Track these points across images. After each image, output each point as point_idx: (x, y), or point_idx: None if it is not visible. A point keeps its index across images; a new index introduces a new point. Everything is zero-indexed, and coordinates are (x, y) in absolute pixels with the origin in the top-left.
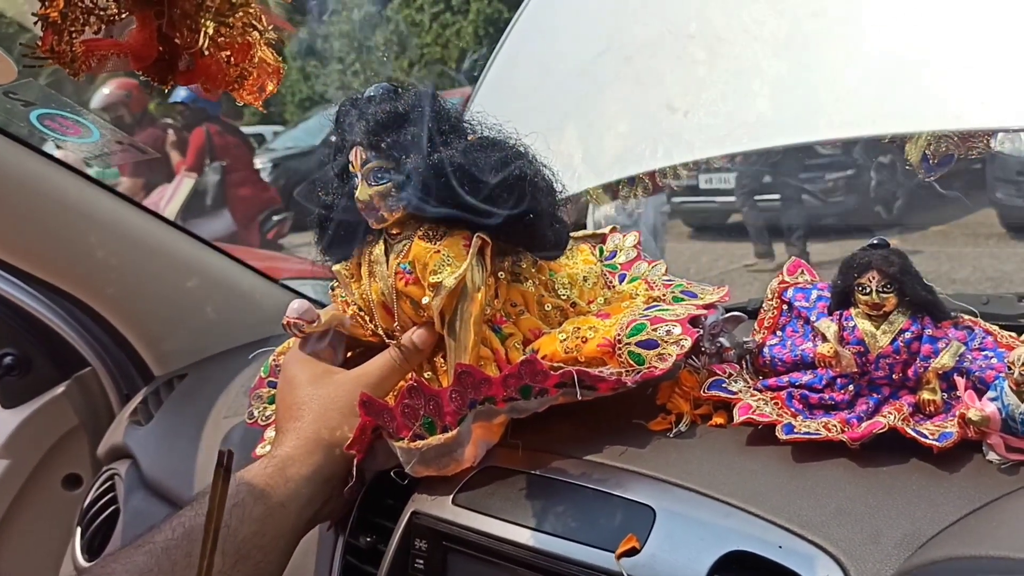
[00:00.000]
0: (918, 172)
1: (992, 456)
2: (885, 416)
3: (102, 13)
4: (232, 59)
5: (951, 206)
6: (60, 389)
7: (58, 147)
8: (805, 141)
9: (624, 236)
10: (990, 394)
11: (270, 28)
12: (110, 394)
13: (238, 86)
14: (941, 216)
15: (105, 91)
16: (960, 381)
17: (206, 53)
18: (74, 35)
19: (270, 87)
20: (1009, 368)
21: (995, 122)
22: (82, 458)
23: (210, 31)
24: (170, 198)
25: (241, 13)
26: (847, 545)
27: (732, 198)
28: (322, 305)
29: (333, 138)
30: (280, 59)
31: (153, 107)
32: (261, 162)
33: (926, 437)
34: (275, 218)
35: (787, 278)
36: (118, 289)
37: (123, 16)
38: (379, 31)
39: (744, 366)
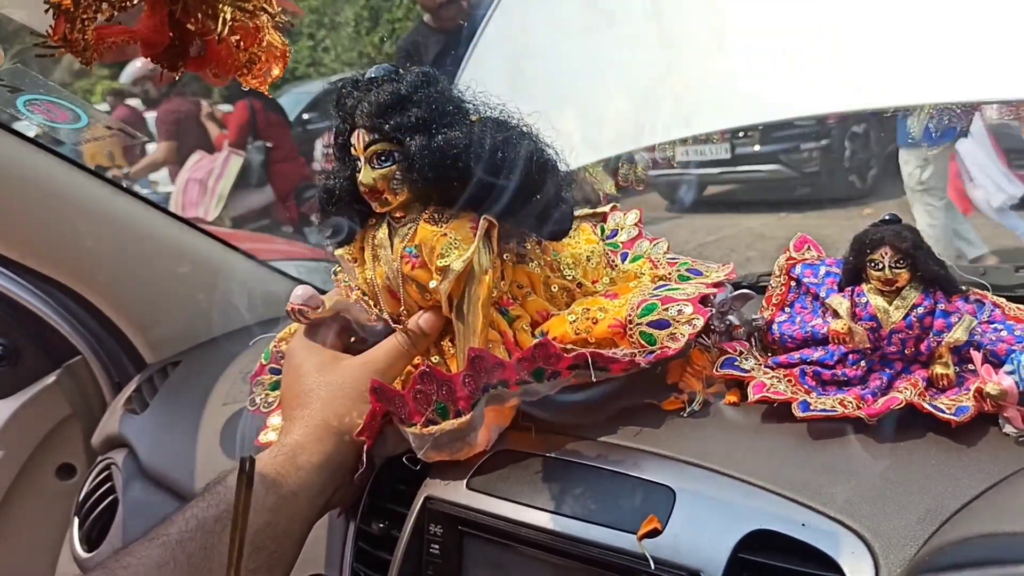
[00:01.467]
0: (921, 144)
1: (1009, 429)
2: (901, 391)
3: (115, 0)
4: (242, 43)
5: None
6: (51, 379)
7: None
8: (807, 114)
9: (625, 214)
10: (1007, 367)
11: (280, 11)
12: (102, 383)
13: (247, 71)
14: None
15: (137, 64)
16: (976, 355)
17: (214, 41)
18: (87, 23)
19: (276, 71)
20: None
21: (996, 94)
22: (75, 448)
23: (228, 16)
24: (219, 176)
25: None
26: (870, 522)
27: (708, 170)
28: (319, 289)
29: (306, 116)
30: (286, 43)
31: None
32: None
33: (943, 412)
34: (307, 193)
35: (794, 254)
36: (108, 277)
37: (136, 2)
38: (349, 6)
39: (753, 343)
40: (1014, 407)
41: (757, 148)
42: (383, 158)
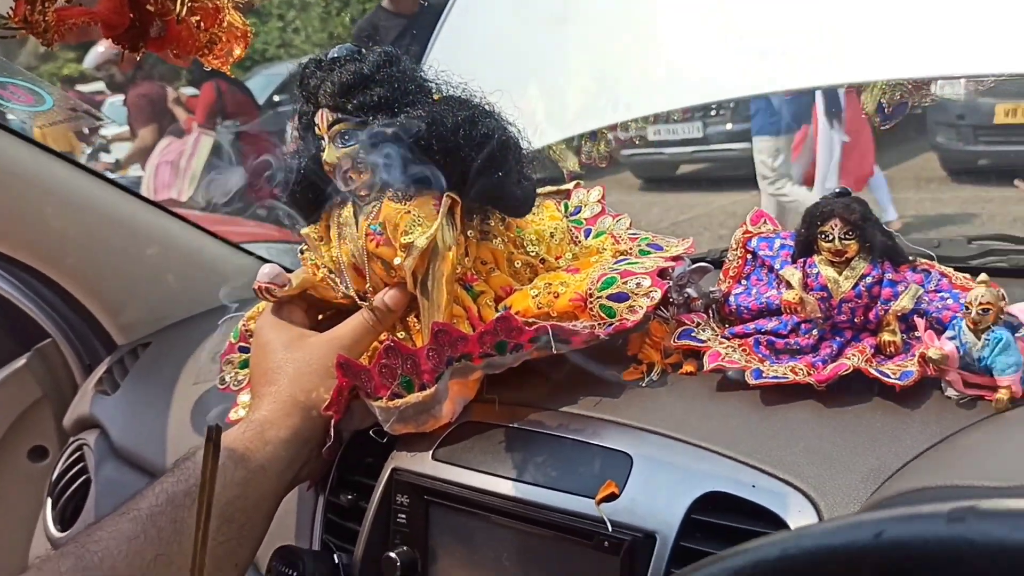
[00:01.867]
0: (873, 120)
1: (951, 392)
2: (849, 358)
3: None
4: (202, 24)
5: (894, 151)
6: (21, 362)
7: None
8: (765, 92)
9: (588, 191)
10: (948, 333)
11: None
12: (72, 365)
13: (207, 51)
14: (885, 161)
15: (100, 49)
16: (920, 322)
17: (175, 22)
18: (47, 4)
19: (238, 51)
20: (966, 308)
21: (946, 69)
22: (47, 430)
23: None
24: (191, 156)
25: None
26: (816, 481)
27: (681, 149)
28: (285, 268)
29: (277, 97)
30: (247, 23)
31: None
32: None
33: (888, 376)
34: (275, 174)
35: (751, 228)
36: (77, 259)
37: None
38: None
39: (711, 315)
40: (955, 371)
41: (729, 126)
42: (346, 137)
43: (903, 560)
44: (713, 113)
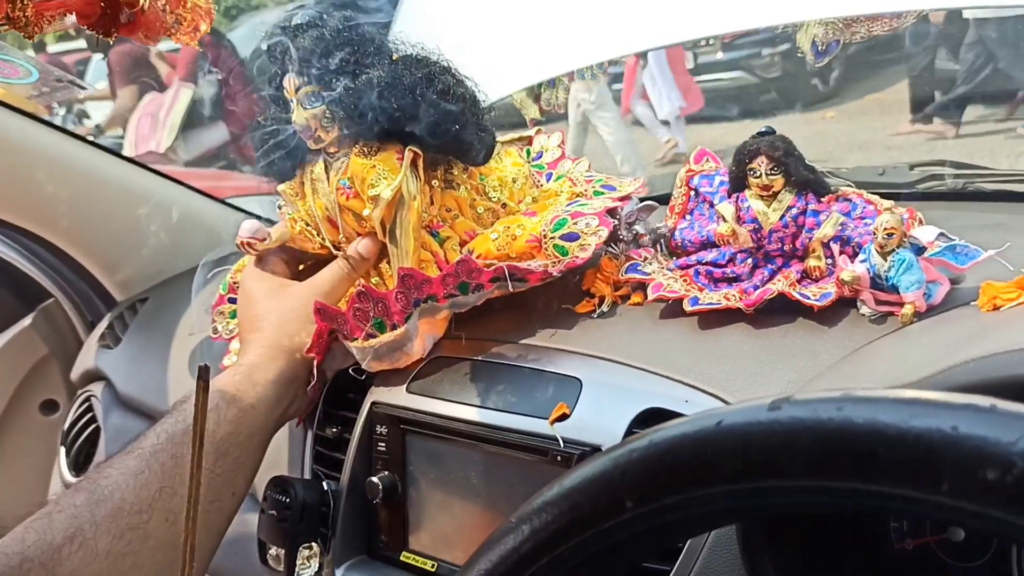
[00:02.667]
0: (809, 58)
1: (865, 310)
2: (775, 283)
3: None
4: (167, 7)
5: (886, 74)
6: (27, 322)
7: None
8: (713, 33)
9: (549, 137)
10: (860, 256)
11: None
12: (75, 322)
13: (175, 31)
14: (877, 84)
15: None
16: (834, 247)
17: (147, 9)
18: (27, 1)
19: (203, 27)
20: (874, 234)
21: (874, 7)
22: (56, 384)
23: None
24: (170, 108)
25: None
26: (742, 395)
27: None
28: (269, 221)
29: (264, 45)
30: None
31: None
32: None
33: (809, 298)
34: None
35: (694, 166)
36: (71, 221)
37: None
38: None
39: (659, 249)
40: (868, 290)
41: (719, 56)
42: (313, 98)
43: (734, 442)
44: (703, 43)
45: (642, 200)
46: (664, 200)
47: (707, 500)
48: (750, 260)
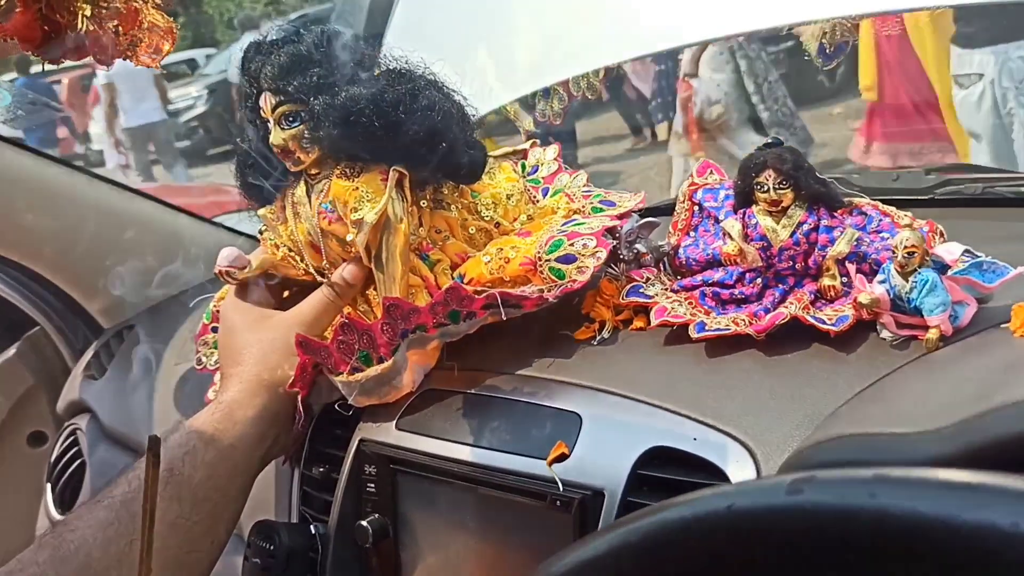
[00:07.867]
0: (816, 61)
1: (885, 334)
2: (787, 306)
3: None
4: (121, 28)
5: None
6: (12, 351)
7: None
8: (711, 38)
9: (544, 149)
10: (879, 277)
11: None
12: (63, 350)
13: (131, 54)
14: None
15: None
16: (850, 267)
17: (87, 32)
18: None
19: (166, 47)
20: (893, 252)
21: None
22: (43, 415)
23: (87, 12)
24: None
25: None
26: (754, 431)
27: None
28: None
29: (238, 64)
30: (171, 20)
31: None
32: (196, 90)
33: (824, 323)
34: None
35: (697, 180)
36: (54, 249)
37: (3, 3)
38: None
39: (663, 268)
40: (888, 313)
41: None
42: (291, 119)
43: (751, 528)
44: None
45: (644, 213)
46: (666, 212)
47: None
48: (760, 280)
